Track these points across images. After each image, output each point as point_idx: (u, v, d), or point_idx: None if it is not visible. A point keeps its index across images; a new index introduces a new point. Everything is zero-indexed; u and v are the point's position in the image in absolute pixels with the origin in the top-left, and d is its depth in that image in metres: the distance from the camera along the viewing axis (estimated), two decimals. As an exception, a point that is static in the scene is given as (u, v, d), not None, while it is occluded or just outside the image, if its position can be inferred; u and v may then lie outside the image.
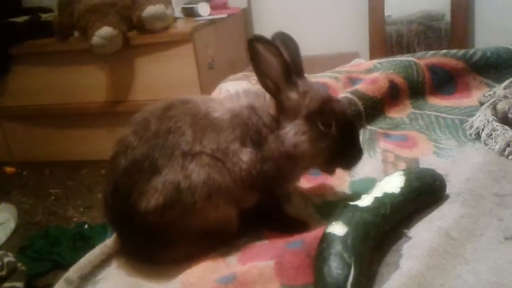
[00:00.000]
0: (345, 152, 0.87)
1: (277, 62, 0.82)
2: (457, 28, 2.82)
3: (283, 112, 0.86)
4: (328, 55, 2.99)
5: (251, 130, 0.86)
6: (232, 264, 0.81)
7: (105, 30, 2.23)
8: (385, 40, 2.96)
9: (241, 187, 0.84)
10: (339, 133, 0.86)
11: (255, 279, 0.73)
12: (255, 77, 1.50)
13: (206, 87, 2.38)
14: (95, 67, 2.57)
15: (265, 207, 0.91)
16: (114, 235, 0.89)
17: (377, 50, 2.95)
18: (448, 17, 2.86)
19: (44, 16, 2.90)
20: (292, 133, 0.85)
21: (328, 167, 0.90)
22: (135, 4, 2.43)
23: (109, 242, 0.89)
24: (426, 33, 2.95)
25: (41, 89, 2.73)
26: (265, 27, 3.17)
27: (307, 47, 3.01)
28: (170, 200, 0.78)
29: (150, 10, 2.30)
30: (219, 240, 0.85)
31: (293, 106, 0.85)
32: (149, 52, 2.45)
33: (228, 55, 2.83)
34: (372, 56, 2.97)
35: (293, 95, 0.85)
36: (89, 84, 2.62)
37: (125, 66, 2.52)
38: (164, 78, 2.48)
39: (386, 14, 2.94)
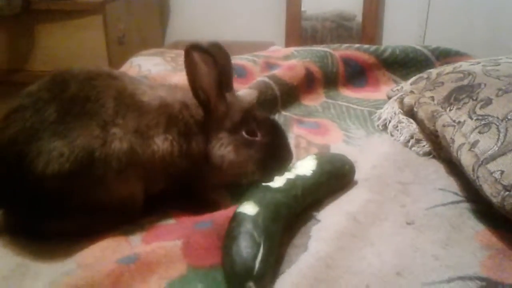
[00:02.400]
0: (275, 156, 0.87)
1: (212, 73, 0.80)
2: (367, 29, 2.95)
3: (210, 122, 0.84)
4: (244, 42, 2.97)
5: (180, 122, 0.82)
6: (135, 244, 0.75)
7: (3, -10, 2.01)
8: (301, 34, 3.02)
9: (153, 169, 0.79)
10: (266, 139, 0.86)
11: (160, 259, 0.69)
12: (170, 55, 1.44)
13: (115, 62, 2.24)
14: (-11, 30, 2.30)
15: (174, 190, 0.86)
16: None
17: (292, 43, 2.99)
18: (359, 18, 2.99)
19: None
20: (218, 146, 0.84)
21: (262, 175, 0.85)
22: (40, -35, 2.21)
23: (-7, 217, 0.79)
24: (339, 31, 3.05)
25: None
26: (183, 8, 3.09)
27: (223, 32, 3.00)
28: (78, 168, 0.70)
29: (57, -28, 2.11)
30: (121, 217, 0.79)
31: (220, 117, 0.84)
32: (53, 20, 2.24)
33: (141, 32, 2.69)
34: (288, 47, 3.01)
35: (222, 107, 0.84)
36: (-19, 49, 2.34)
37: (24, 32, 2.28)
38: (68, 49, 2.28)
39: (302, 9, 3.00)
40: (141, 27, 2.71)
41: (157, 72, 1.38)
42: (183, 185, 0.87)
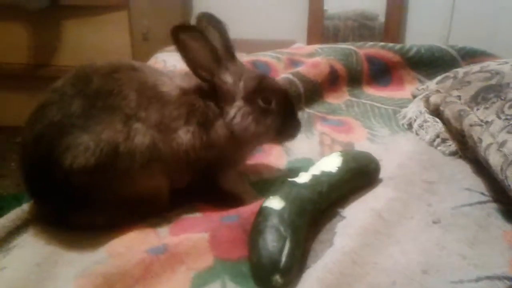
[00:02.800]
0: (286, 124, 0.88)
1: (205, 49, 0.80)
2: (390, 29, 2.93)
3: (221, 97, 0.84)
4: (266, 40, 2.96)
5: (197, 111, 0.83)
6: (163, 236, 0.77)
7: (32, -15, 2.05)
8: (322, 32, 3.01)
9: (177, 163, 0.80)
10: (279, 107, 0.86)
11: (188, 251, 0.70)
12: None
13: (139, 58, 2.26)
14: (17, 25, 2.35)
15: (200, 184, 0.87)
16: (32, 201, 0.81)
17: (314, 42, 2.97)
18: (382, 18, 2.96)
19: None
20: (239, 118, 0.84)
21: (275, 142, 0.91)
22: (68, -39, 2.25)
23: (26, 206, 0.81)
24: (361, 31, 3.03)
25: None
26: (206, 4, 3.09)
27: (246, 29, 3.01)
28: (104, 162, 0.72)
29: (85, -31, 2.14)
30: (147, 210, 0.81)
31: (230, 89, 0.84)
32: (79, 15, 2.29)
33: (165, 28, 2.70)
34: (309, 46, 3.01)
35: (228, 78, 0.84)
36: (10, 43, 2.39)
37: (52, 27, 2.33)
38: (93, 44, 2.32)
39: (324, 8, 2.99)
40: (165, 24, 2.72)
41: (182, 67, 1.39)
42: (208, 178, 0.88)
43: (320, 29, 2.99)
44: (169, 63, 1.46)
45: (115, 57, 2.33)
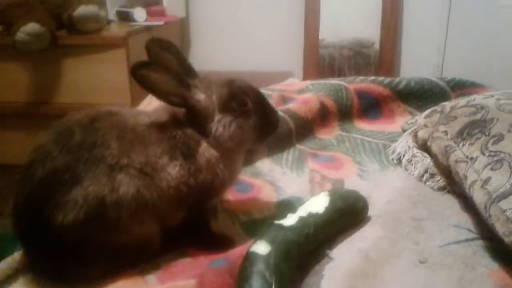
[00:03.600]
0: (266, 119, 0.89)
1: (168, 76, 0.81)
2: (385, 56, 2.97)
3: (199, 117, 0.85)
4: (263, 72, 3.02)
5: (179, 142, 0.83)
6: (151, 283, 0.77)
7: (31, 26, 2.10)
8: (318, 62, 3.05)
9: (167, 204, 0.81)
10: (255, 106, 0.87)
11: (174, 299, 0.70)
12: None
13: (138, 94, 2.30)
14: (18, 65, 2.40)
15: (191, 224, 0.88)
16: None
17: (310, 72, 3.03)
18: (377, 46, 3.01)
19: (-37, 5, 2.68)
20: (221, 129, 0.85)
21: (260, 140, 0.92)
22: (66, 2, 2.31)
23: (18, 255, 0.82)
24: (356, 59, 3.08)
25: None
26: (203, 39, 3.16)
27: (243, 62, 3.06)
28: (92, 215, 0.73)
29: (82, 10, 2.19)
30: (139, 257, 0.81)
31: (205, 106, 0.85)
32: (78, 54, 2.33)
33: (163, 63, 2.77)
34: (305, 77, 3.04)
35: (200, 96, 0.85)
36: (10, 82, 2.44)
37: (51, 66, 2.38)
38: (92, 82, 2.36)
39: (320, 38, 3.04)
40: (163, 59, 2.78)
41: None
42: (199, 218, 0.89)
43: (316, 58, 3.04)
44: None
45: (114, 94, 2.38)
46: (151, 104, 1.33)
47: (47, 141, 0.78)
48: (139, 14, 2.60)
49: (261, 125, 0.88)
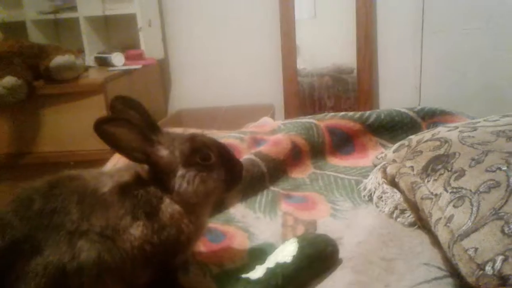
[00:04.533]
0: (230, 170, 0.89)
1: (132, 132, 0.81)
2: (363, 83, 3.01)
3: (162, 172, 0.85)
4: (245, 106, 3.05)
5: (141, 201, 0.83)
6: None
7: (8, 80, 2.11)
8: (298, 93, 3.09)
9: (132, 265, 0.80)
10: (218, 159, 0.88)
11: None
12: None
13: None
14: (-3, 117, 2.41)
15: (159, 281, 0.88)
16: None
17: (291, 103, 3.06)
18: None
19: None
20: (185, 185, 0.85)
21: (225, 192, 0.92)
22: (43, 53, 2.33)
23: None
24: (336, 87, 3.12)
25: None
26: (183, 78, 3.20)
27: (224, 97, 3.10)
28: (53, 284, 0.72)
29: (58, 60, 2.22)
30: None
31: (168, 161, 0.85)
32: (57, 103, 2.35)
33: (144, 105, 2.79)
34: (286, 108, 3.08)
35: (163, 152, 0.85)
36: (-10, 135, 2.45)
37: (31, 117, 2.39)
38: (73, 129, 2.37)
39: (300, 67, 3.08)
40: (143, 101, 2.74)
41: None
42: (167, 275, 0.88)
43: (296, 89, 3.08)
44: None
45: (95, 140, 2.40)
46: (118, 164, 1.34)
47: (7, 211, 0.78)
48: (118, 59, 2.63)
49: (226, 177, 0.88)
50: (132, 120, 0.82)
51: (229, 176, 0.89)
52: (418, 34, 2.90)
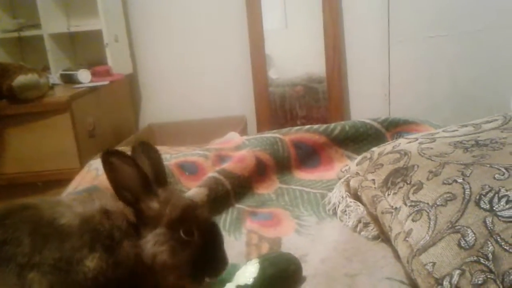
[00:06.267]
0: (209, 260, 0.85)
1: (135, 173, 0.81)
2: (333, 92, 3.03)
3: (143, 221, 0.83)
4: (216, 119, 3.04)
5: (102, 235, 0.80)
6: None
7: (-32, 101, 2.07)
8: (269, 103, 3.09)
9: None
10: (202, 241, 0.84)
11: None
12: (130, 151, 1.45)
13: (87, 156, 2.26)
14: (-42, 139, 2.34)
15: None
16: None
17: (262, 113, 3.07)
18: (326, 81, 3.08)
19: None
20: (152, 243, 0.82)
21: (194, 279, 0.85)
22: (6, 72, 2.28)
23: None
24: (307, 97, 3.13)
25: None
26: (153, 91, 3.17)
27: (195, 111, 3.08)
28: None
29: (21, 79, 2.17)
30: None
31: (154, 215, 0.83)
32: (21, 123, 2.30)
33: (112, 121, 2.75)
34: (258, 119, 3.08)
35: (154, 204, 0.83)
36: (-48, 158, 2.37)
37: (-6, 138, 2.33)
38: (38, 149, 2.32)
39: (273, 77, 3.09)
40: (112, 116, 2.77)
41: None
42: None
43: (267, 100, 3.08)
44: (102, 171, 1.45)
45: (62, 158, 2.34)
46: (80, 185, 1.31)
47: None
48: (84, 76, 2.59)
49: (199, 263, 0.84)
50: (141, 164, 0.82)
51: (203, 265, 0.84)
52: (385, 42, 2.95)
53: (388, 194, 0.99)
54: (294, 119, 3.10)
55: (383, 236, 1.04)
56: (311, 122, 1.38)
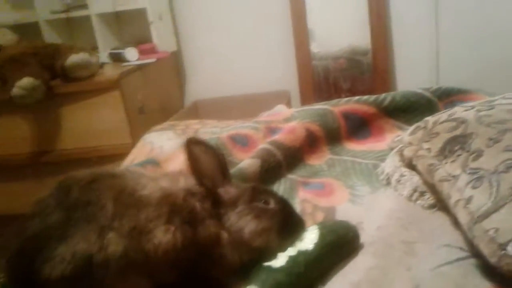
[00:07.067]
0: (289, 222, 0.91)
1: (214, 162, 0.88)
2: (378, 64, 2.98)
3: (222, 204, 0.89)
4: (260, 94, 3.06)
5: (183, 210, 0.85)
6: None
7: (26, 81, 2.16)
8: (313, 76, 3.07)
9: (157, 265, 0.82)
10: (279, 207, 0.91)
11: None
12: (181, 127, 1.51)
13: (138, 132, 2.34)
14: (18, 118, 2.47)
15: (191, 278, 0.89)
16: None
17: (306, 88, 3.06)
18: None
19: (-39, 66, 2.76)
20: (237, 218, 0.87)
21: (280, 241, 0.89)
22: (57, 53, 2.37)
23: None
24: (351, 68, 3.09)
25: (-40, 142, 2.58)
26: (198, 69, 3.21)
27: (239, 87, 3.10)
28: (79, 272, 0.75)
29: (73, 58, 2.25)
30: None
31: (232, 198, 0.89)
32: (74, 101, 2.40)
33: (160, 98, 2.82)
34: (301, 93, 3.07)
35: (231, 189, 0.90)
36: (13, 135, 2.51)
37: (50, 115, 2.44)
38: (91, 125, 2.42)
39: (315, 51, 3.06)
40: (160, 93, 2.83)
41: (169, 147, 1.45)
42: (194, 275, 0.90)
43: (310, 74, 3.06)
44: (156, 144, 1.51)
45: (113, 135, 2.43)
46: (137, 158, 1.36)
47: (47, 196, 0.82)
48: (131, 54, 2.65)
49: (283, 226, 0.90)
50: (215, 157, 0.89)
51: (286, 228, 0.90)
52: (433, 10, 2.85)
53: (446, 162, 0.98)
54: (338, 92, 3.07)
55: (440, 205, 1.03)
56: (356, 94, 1.36)
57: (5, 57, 2.33)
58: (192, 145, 0.86)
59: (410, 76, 3.01)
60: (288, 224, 0.91)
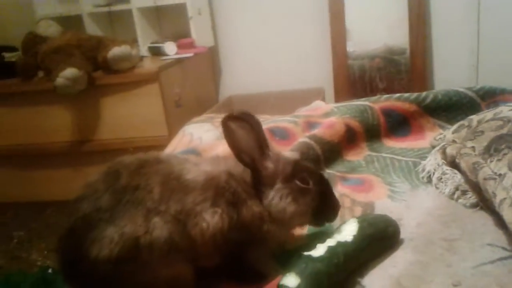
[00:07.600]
0: (325, 204, 0.92)
1: (251, 136, 0.87)
2: (416, 63, 2.93)
3: (260, 181, 0.90)
4: (295, 91, 3.06)
5: (227, 192, 0.87)
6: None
7: (70, 71, 2.23)
8: (348, 75, 3.05)
9: (202, 249, 0.84)
10: (317, 188, 0.91)
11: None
12: (218, 119, 1.53)
13: (174, 125, 2.39)
14: (60, 107, 2.55)
15: (230, 265, 0.91)
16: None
17: (341, 86, 3.03)
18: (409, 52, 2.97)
19: (7, 55, 2.87)
20: (277, 199, 0.89)
21: (315, 222, 0.94)
22: (100, 44, 2.44)
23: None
24: (387, 68, 3.05)
25: (5, 130, 2.68)
26: (233, 64, 3.24)
27: (274, 82, 3.11)
28: (126, 253, 0.78)
29: (115, 51, 2.31)
30: None
31: (270, 174, 0.90)
32: (115, 92, 2.46)
33: (196, 93, 2.86)
34: (336, 91, 3.05)
35: (269, 164, 0.90)
36: (54, 124, 2.60)
37: (91, 106, 2.51)
38: (130, 117, 2.48)
39: (350, 50, 3.03)
40: (196, 88, 2.87)
41: (208, 138, 1.47)
42: (237, 259, 0.92)
43: (346, 72, 3.04)
44: (196, 135, 1.54)
45: (150, 126, 2.48)
46: (177, 148, 1.39)
47: (96, 180, 0.85)
48: (170, 48, 2.70)
49: (319, 207, 0.91)
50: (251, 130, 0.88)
51: (322, 209, 0.92)
52: (475, 9, 2.78)
53: (491, 161, 0.97)
54: (374, 91, 3.04)
55: (483, 204, 1.02)
56: (392, 94, 1.36)
57: (50, 48, 2.41)
58: (229, 121, 0.86)
59: (449, 76, 2.95)
60: (324, 206, 0.92)
